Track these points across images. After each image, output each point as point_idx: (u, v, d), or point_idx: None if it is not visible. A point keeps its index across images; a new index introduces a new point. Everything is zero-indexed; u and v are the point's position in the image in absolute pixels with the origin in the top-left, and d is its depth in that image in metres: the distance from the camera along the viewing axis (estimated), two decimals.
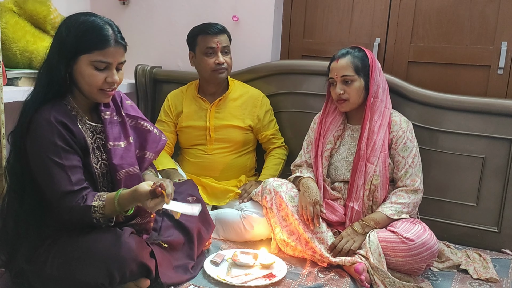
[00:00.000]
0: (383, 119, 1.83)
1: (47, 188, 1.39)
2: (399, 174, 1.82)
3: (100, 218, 1.38)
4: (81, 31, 1.34)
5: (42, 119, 1.35)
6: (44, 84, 1.37)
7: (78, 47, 1.34)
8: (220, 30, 2.12)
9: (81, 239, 1.41)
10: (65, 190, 1.36)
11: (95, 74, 1.36)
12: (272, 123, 2.26)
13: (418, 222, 1.74)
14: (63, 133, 1.36)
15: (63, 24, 1.39)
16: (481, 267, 1.81)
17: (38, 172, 1.38)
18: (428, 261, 1.66)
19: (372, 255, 1.66)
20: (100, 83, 1.38)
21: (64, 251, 1.40)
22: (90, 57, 1.35)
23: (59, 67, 1.35)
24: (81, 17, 1.38)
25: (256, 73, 2.37)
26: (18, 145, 1.39)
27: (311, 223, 1.75)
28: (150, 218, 1.57)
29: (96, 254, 1.37)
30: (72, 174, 1.37)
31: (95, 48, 1.35)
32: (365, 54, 1.84)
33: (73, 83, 1.41)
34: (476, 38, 2.15)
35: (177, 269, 1.58)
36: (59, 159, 1.35)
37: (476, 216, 2.05)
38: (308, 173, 1.90)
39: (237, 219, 1.94)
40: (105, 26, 1.37)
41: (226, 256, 1.76)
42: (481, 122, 2.00)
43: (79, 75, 1.37)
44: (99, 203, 1.38)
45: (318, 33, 2.45)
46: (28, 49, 2.07)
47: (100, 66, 1.37)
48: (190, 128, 2.20)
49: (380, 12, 2.30)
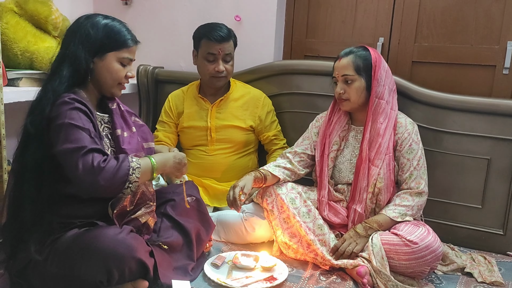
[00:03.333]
0: (389, 121, 1.80)
1: (72, 155, 1.34)
2: (403, 177, 1.80)
3: (134, 182, 1.39)
4: (109, 31, 1.48)
5: (65, 99, 1.40)
6: (66, 75, 1.43)
7: (108, 44, 1.47)
8: (224, 37, 2.07)
9: (81, 236, 1.40)
10: (90, 147, 1.36)
11: (121, 69, 1.51)
12: (274, 124, 2.24)
13: (422, 224, 1.72)
14: (86, 111, 1.43)
15: (87, 23, 1.47)
16: (486, 270, 1.78)
17: (62, 141, 1.36)
18: (431, 264, 1.63)
19: (375, 258, 1.64)
20: (122, 77, 1.53)
21: (63, 248, 1.39)
22: (118, 54, 1.49)
23: (85, 62, 1.44)
24: (103, 19, 1.49)
25: (258, 73, 2.35)
26: (40, 131, 1.39)
27: (231, 207, 1.76)
28: (154, 206, 1.57)
29: (94, 252, 1.36)
30: (96, 138, 1.41)
31: (123, 46, 1.50)
32: (369, 53, 1.81)
33: (92, 77, 1.50)
34: (481, 38, 2.12)
35: (176, 270, 1.57)
36: (82, 125, 1.39)
37: (481, 218, 2.02)
38: (274, 167, 1.87)
39: (238, 221, 1.92)
40: (124, 27, 1.52)
41: (227, 259, 1.74)
42: (486, 123, 1.98)
43: (105, 70, 1.49)
44: (136, 164, 1.41)
45: (321, 33, 2.43)
46: (29, 50, 2.07)
47: (126, 62, 1.52)
48: (191, 129, 2.19)
49: (384, 12, 2.27)
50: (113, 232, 1.40)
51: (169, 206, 1.70)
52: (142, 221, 1.54)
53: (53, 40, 2.19)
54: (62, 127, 1.36)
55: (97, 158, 1.35)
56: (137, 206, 1.53)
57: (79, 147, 1.35)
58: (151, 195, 1.58)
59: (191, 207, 1.74)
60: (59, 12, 2.19)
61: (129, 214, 1.52)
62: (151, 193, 1.58)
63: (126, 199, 1.50)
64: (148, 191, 1.56)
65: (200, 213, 1.76)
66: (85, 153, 1.34)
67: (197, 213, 1.75)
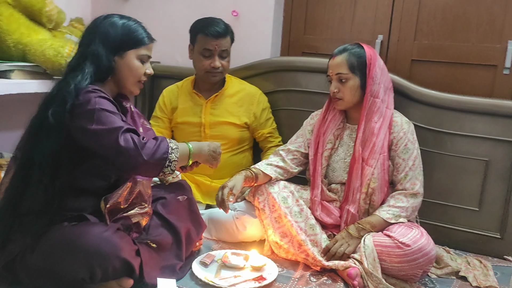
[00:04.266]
0: (384, 120, 1.76)
1: (110, 134, 1.36)
2: (398, 177, 1.76)
3: (173, 161, 1.41)
4: (127, 30, 1.50)
5: (91, 89, 1.41)
6: (89, 72, 1.44)
7: (127, 42, 1.50)
8: (221, 33, 2.04)
9: (66, 232, 1.38)
10: (127, 127, 1.39)
11: (140, 67, 1.53)
12: (269, 121, 2.20)
13: (416, 226, 1.68)
14: (112, 101, 1.45)
15: (105, 22, 1.50)
16: (481, 275, 1.74)
17: (97, 124, 1.36)
18: (424, 267, 1.59)
19: (367, 259, 1.60)
20: (142, 74, 1.55)
21: (49, 242, 1.38)
22: (137, 52, 1.52)
23: (107, 59, 1.47)
24: (120, 18, 1.52)
25: (254, 69, 2.32)
26: (61, 123, 1.38)
27: (219, 207, 1.73)
28: (148, 209, 1.54)
29: (78, 249, 1.34)
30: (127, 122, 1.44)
31: (141, 43, 1.52)
32: (364, 50, 1.77)
33: (113, 75, 1.52)
34: (483, 36, 2.07)
35: (164, 269, 1.55)
36: (112, 109, 1.41)
37: (479, 221, 1.98)
38: (266, 166, 1.84)
39: (230, 219, 1.89)
40: (141, 26, 1.55)
41: (217, 257, 1.71)
42: (486, 124, 1.93)
43: (126, 68, 1.51)
44: (174, 145, 1.44)
45: (319, 29, 2.39)
46: (22, 42, 2.05)
47: (145, 59, 1.54)
48: (184, 125, 2.16)
49: (383, 8, 2.23)
50: (98, 230, 1.38)
51: (159, 204, 1.67)
52: (133, 221, 1.51)
53: (47, 32, 2.17)
54: (93, 112, 1.37)
55: (135, 136, 1.38)
56: (131, 206, 1.51)
57: (116, 127, 1.37)
58: (147, 197, 1.56)
59: (182, 206, 1.72)
60: (53, 4, 2.16)
61: (122, 211, 1.49)
62: (147, 195, 1.56)
63: (122, 196, 1.48)
64: (145, 192, 1.54)
65: (191, 213, 1.73)
66: (124, 132, 1.37)
67: (188, 213, 1.72)
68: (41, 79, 2.02)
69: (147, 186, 1.56)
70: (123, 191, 1.49)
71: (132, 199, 1.50)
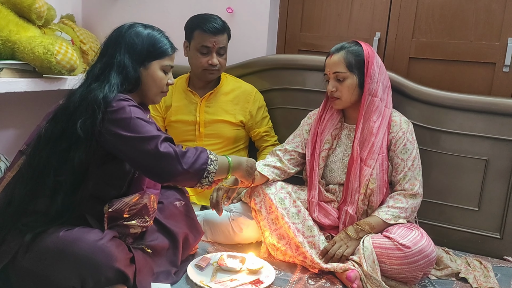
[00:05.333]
0: (383, 119, 1.73)
1: (149, 142, 1.34)
2: (397, 177, 1.73)
3: (212, 173, 1.41)
4: (152, 40, 1.49)
5: (123, 97, 1.40)
6: (116, 83, 1.42)
7: (152, 53, 1.48)
8: (219, 29, 2.00)
9: (60, 237, 1.33)
10: (165, 136, 1.39)
11: (164, 77, 1.53)
12: (265, 120, 2.17)
13: (416, 227, 1.65)
14: (143, 111, 1.45)
15: (130, 32, 1.48)
16: (481, 276, 1.71)
17: (134, 132, 1.35)
18: (425, 269, 1.57)
19: (366, 262, 1.57)
20: (164, 85, 1.54)
21: (42, 245, 1.33)
22: (161, 62, 1.50)
23: (134, 70, 1.45)
24: (144, 28, 1.50)
25: (250, 67, 2.28)
26: (90, 134, 1.34)
27: (213, 209, 1.71)
28: (149, 223, 1.50)
29: (70, 256, 1.29)
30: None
31: (165, 54, 1.51)
32: (362, 48, 1.73)
33: (139, 86, 1.51)
34: (481, 34, 2.04)
35: (158, 275, 1.50)
36: (147, 119, 1.41)
37: (478, 221, 1.96)
38: (263, 166, 1.80)
39: (226, 221, 1.85)
40: (164, 36, 1.54)
41: (212, 260, 1.67)
42: (484, 122, 1.91)
43: (150, 79, 1.50)
44: (214, 157, 1.44)
45: (316, 27, 2.35)
46: (11, 39, 1.98)
47: (167, 70, 1.54)
48: (179, 123, 2.11)
49: (381, 5, 2.19)
50: (93, 237, 1.33)
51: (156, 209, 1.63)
52: (131, 232, 1.47)
53: (37, 29, 2.10)
54: (129, 120, 1.36)
55: (174, 146, 1.38)
56: (134, 216, 1.46)
57: (154, 135, 1.36)
58: (152, 211, 1.51)
59: (179, 212, 1.68)
60: (43, 1, 2.09)
61: (123, 220, 1.45)
62: (153, 209, 1.51)
63: (127, 205, 1.43)
64: (151, 207, 1.50)
65: (188, 219, 1.70)
66: (163, 140, 1.37)
67: (185, 218, 1.69)
68: (30, 77, 1.96)
69: (154, 201, 1.52)
70: (130, 200, 1.45)
71: (136, 211, 1.46)
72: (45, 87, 2.01)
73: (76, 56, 2.03)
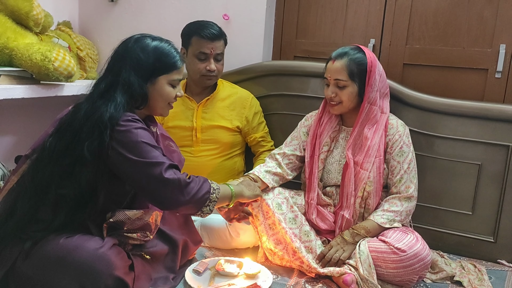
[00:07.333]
0: (378, 124, 1.75)
1: (154, 169, 1.34)
2: (393, 180, 1.75)
3: (213, 201, 1.43)
4: (160, 54, 1.44)
5: (130, 118, 1.39)
6: (122, 102, 1.39)
7: (159, 68, 1.44)
8: (217, 35, 2.03)
9: (60, 244, 1.33)
10: (169, 163, 1.38)
11: (171, 91, 1.49)
12: (261, 125, 2.18)
13: (411, 231, 1.67)
14: (151, 132, 1.46)
15: (136, 47, 1.43)
16: (476, 279, 1.74)
17: (139, 156, 1.34)
18: (420, 273, 1.58)
19: (362, 265, 1.59)
20: (172, 98, 1.51)
21: (42, 251, 1.33)
22: (168, 77, 1.47)
23: (140, 88, 1.42)
24: (152, 40, 1.46)
25: (246, 73, 2.30)
26: (97, 156, 1.34)
27: None
28: (149, 238, 1.51)
29: (70, 264, 1.30)
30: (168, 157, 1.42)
31: (174, 68, 1.47)
32: (365, 57, 1.73)
33: (146, 103, 1.48)
34: (474, 40, 2.08)
35: (155, 280, 1.51)
36: (154, 143, 1.40)
37: (472, 225, 1.98)
38: (265, 173, 1.82)
39: (223, 225, 1.86)
40: (173, 48, 1.49)
41: (210, 265, 1.68)
42: (477, 128, 1.93)
43: (157, 94, 1.47)
44: (216, 186, 1.47)
45: (311, 34, 2.38)
46: (8, 46, 1.99)
47: (176, 84, 1.50)
48: (176, 129, 2.12)
49: (375, 13, 2.23)
50: (93, 245, 1.33)
51: None
52: (130, 242, 1.47)
53: (34, 36, 2.12)
54: (136, 144, 1.35)
55: (179, 174, 1.37)
56: (134, 230, 1.46)
57: (159, 162, 1.35)
58: (154, 228, 1.51)
59: (178, 219, 1.69)
60: (40, 8, 2.11)
61: (122, 231, 1.45)
62: (154, 225, 1.51)
63: (129, 219, 1.43)
64: (153, 224, 1.50)
65: (187, 226, 1.72)
66: (168, 167, 1.36)
67: (184, 226, 1.71)
68: (28, 84, 1.97)
69: (157, 216, 1.52)
70: (134, 215, 1.43)
71: (138, 226, 1.46)
72: (43, 93, 2.02)
73: (74, 63, 2.04)
